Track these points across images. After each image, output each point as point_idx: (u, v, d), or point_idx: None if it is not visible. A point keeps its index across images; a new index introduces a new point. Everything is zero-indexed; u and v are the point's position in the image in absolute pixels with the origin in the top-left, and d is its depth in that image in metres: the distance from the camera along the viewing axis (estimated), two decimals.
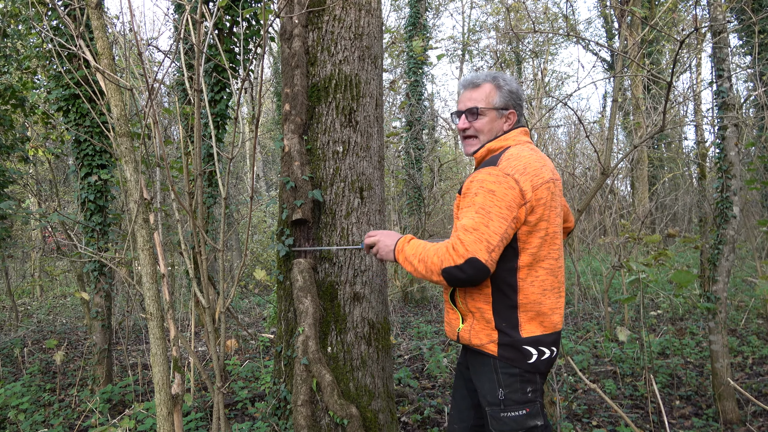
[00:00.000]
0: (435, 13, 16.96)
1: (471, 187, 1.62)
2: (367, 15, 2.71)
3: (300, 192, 2.52)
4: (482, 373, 1.70)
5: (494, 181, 1.58)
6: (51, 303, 10.13)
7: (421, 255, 1.63)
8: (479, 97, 1.79)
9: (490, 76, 1.81)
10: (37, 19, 4.77)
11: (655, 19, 5.36)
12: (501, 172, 1.60)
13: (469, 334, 1.71)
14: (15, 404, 3.49)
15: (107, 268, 4.09)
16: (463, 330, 1.73)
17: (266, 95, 16.06)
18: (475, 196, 1.59)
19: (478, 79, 1.81)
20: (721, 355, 3.31)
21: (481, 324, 1.68)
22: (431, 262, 1.59)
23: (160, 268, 1.88)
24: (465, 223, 1.56)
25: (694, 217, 12.93)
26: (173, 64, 5.33)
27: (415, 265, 1.64)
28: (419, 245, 1.68)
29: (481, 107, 1.78)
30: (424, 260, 1.61)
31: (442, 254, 1.57)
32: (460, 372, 1.95)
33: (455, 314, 1.78)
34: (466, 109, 1.80)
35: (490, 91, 1.78)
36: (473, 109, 1.78)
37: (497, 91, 1.78)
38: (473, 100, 1.79)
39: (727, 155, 3.34)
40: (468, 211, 1.58)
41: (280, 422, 2.54)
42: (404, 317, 7.23)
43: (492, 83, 1.79)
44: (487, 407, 1.68)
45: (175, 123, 7.63)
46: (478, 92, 1.79)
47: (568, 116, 13.88)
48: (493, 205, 1.55)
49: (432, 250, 1.61)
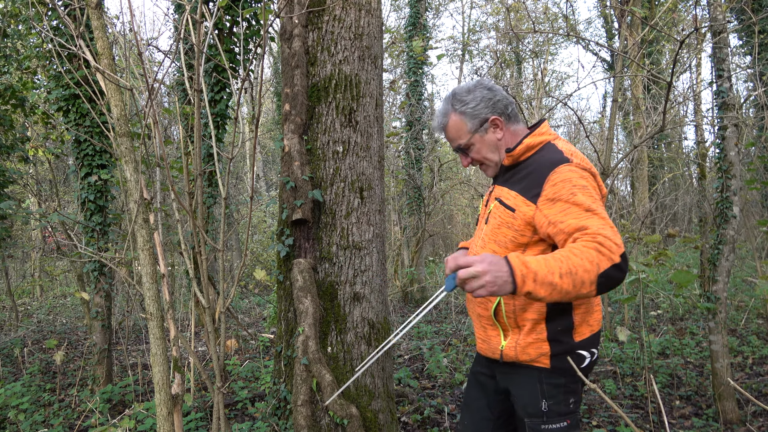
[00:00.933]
0: (435, 13, 16.96)
1: (560, 190, 1.45)
2: (367, 15, 2.71)
3: (300, 192, 2.52)
4: (523, 385, 1.60)
5: (580, 176, 1.47)
6: (51, 303, 10.13)
7: (564, 268, 1.29)
8: (454, 135, 1.70)
9: (449, 104, 1.69)
10: (37, 19, 4.77)
11: (655, 19, 5.36)
12: (578, 167, 1.50)
13: (515, 351, 1.58)
14: (15, 404, 3.49)
15: (107, 268, 4.09)
16: (507, 348, 1.60)
17: (266, 95, 16.06)
18: (573, 196, 1.43)
19: (442, 118, 1.72)
20: (721, 355, 3.31)
21: (529, 338, 1.56)
22: (583, 271, 1.29)
23: (160, 268, 1.88)
24: (588, 223, 1.37)
25: (694, 217, 12.93)
26: (173, 64, 5.33)
27: (556, 283, 1.29)
28: (549, 259, 1.32)
29: (463, 142, 1.69)
30: (571, 273, 1.29)
31: (593, 257, 1.30)
32: (478, 381, 1.80)
33: (495, 330, 1.63)
34: (456, 147, 1.73)
35: (458, 122, 1.68)
36: (460, 147, 1.71)
37: (461, 116, 1.67)
38: (453, 140, 1.72)
39: (727, 155, 3.34)
40: (574, 212, 1.41)
41: (280, 422, 2.54)
42: (404, 317, 7.23)
43: (454, 113, 1.68)
44: (527, 419, 1.58)
45: (175, 123, 7.63)
46: (450, 131, 1.71)
47: (568, 116, 13.89)
48: (593, 199, 1.43)
49: (575, 257, 1.31)
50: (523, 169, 1.61)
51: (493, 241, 1.62)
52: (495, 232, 1.62)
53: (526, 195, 1.54)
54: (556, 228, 1.43)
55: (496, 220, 1.63)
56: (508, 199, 1.60)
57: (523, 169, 1.62)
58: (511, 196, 1.59)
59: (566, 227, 1.40)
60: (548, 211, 1.46)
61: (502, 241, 1.59)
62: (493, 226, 1.63)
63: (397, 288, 8.45)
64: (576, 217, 1.40)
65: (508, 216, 1.58)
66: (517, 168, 1.65)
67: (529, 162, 1.62)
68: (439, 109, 1.75)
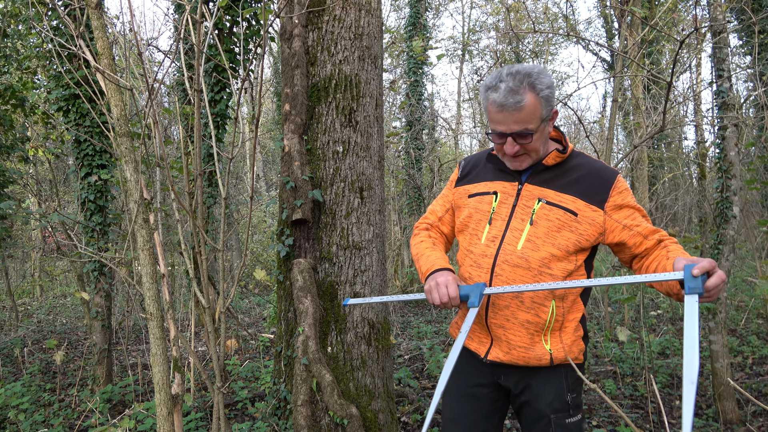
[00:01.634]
0: (435, 13, 16.96)
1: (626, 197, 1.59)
2: (367, 15, 2.71)
3: (300, 192, 2.52)
4: (550, 381, 1.61)
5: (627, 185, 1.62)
6: (51, 303, 10.13)
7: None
8: (525, 118, 1.49)
9: (527, 84, 1.47)
10: (37, 19, 4.77)
11: (655, 19, 5.36)
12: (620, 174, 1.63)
13: (563, 353, 1.58)
14: (15, 404, 3.49)
15: (107, 268, 4.09)
16: (556, 350, 1.58)
17: (266, 95, 16.06)
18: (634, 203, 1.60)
19: (518, 96, 1.47)
20: (721, 355, 3.31)
21: (571, 337, 1.61)
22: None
23: (160, 268, 1.88)
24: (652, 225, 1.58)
25: (694, 217, 12.92)
26: (173, 64, 5.33)
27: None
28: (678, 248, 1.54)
29: (533, 127, 1.50)
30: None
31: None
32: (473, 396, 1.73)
33: (539, 336, 1.59)
34: (512, 132, 1.51)
35: (535, 106, 1.48)
36: (524, 132, 1.51)
37: (540, 101, 1.49)
38: (521, 122, 1.50)
39: (727, 155, 3.34)
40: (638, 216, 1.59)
41: (280, 422, 2.54)
42: (404, 317, 7.23)
43: (532, 93, 1.48)
44: (552, 414, 1.58)
45: (175, 123, 7.63)
46: (524, 112, 1.48)
47: (568, 116, 13.89)
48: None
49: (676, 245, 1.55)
50: (569, 173, 1.60)
51: (551, 245, 1.57)
52: (553, 235, 1.56)
53: (588, 200, 1.57)
54: (632, 231, 1.56)
55: (552, 223, 1.56)
56: (564, 202, 1.56)
57: (567, 172, 1.60)
58: (568, 200, 1.56)
59: (642, 230, 1.56)
60: (618, 215, 1.57)
61: (563, 245, 1.56)
62: (548, 228, 1.57)
63: (397, 288, 8.45)
64: (641, 221, 1.57)
65: (569, 219, 1.55)
66: (558, 170, 1.61)
67: (571, 166, 1.61)
68: (507, 83, 1.48)
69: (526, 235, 1.58)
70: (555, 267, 1.56)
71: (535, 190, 1.61)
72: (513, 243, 1.59)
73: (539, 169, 1.62)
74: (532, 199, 1.60)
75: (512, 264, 1.58)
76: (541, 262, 1.56)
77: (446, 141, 18.07)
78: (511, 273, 1.58)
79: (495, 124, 1.55)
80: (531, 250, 1.57)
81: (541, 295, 1.56)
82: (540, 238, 1.57)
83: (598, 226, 1.56)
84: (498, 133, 1.54)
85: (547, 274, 1.56)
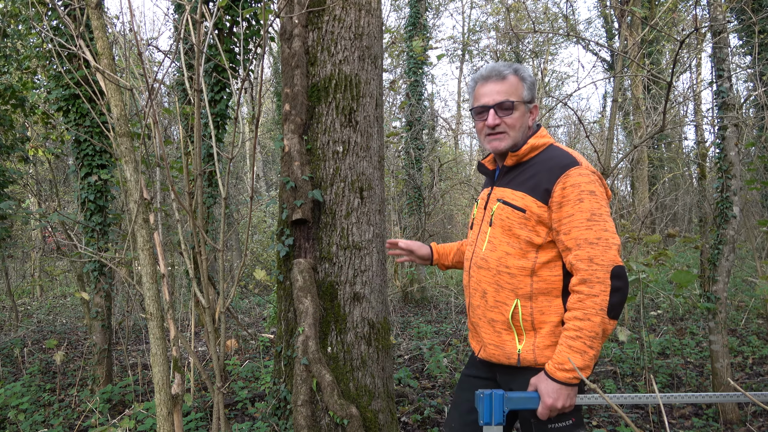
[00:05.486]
0: (435, 13, 16.96)
1: (569, 194, 1.48)
2: (367, 15, 2.71)
3: (300, 192, 2.52)
4: (527, 384, 1.58)
5: (589, 181, 1.49)
6: (51, 303, 10.12)
7: (587, 340, 1.41)
8: (509, 90, 1.60)
9: (511, 68, 1.62)
10: (37, 19, 4.77)
11: (655, 19, 5.36)
12: (588, 170, 1.51)
13: (533, 355, 1.55)
14: (15, 404, 3.49)
15: (107, 268, 4.09)
16: (524, 351, 1.56)
17: (266, 95, 16.06)
18: (580, 202, 1.47)
19: (502, 70, 1.62)
20: (721, 355, 3.31)
21: (548, 340, 1.54)
22: (594, 324, 1.41)
23: (160, 268, 1.88)
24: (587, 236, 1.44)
25: (694, 217, 12.93)
26: (173, 64, 5.33)
27: (593, 353, 1.42)
28: (574, 341, 1.42)
29: (513, 100, 1.59)
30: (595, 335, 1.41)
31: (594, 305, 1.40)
32: (473, 386, 1.76)
33: (510, 335, 1.59)
34: (495, 103, 1.60)
35: (518, 84, 1.61)
36: (506, 103, 1.59)
37: (523, 83, 1.62)
38: (503, 93, 1.60)
39: (727, 155, 3.34)
40: (578, 219, 1.46)
41: (280, 422, 2.54)
42: (404, 317, 7.23)
43: (515, 75, 1.62)
44: (533, 419, 1.57)
45: (175, 123, 7.63)
46: (506, 84, 1.60)
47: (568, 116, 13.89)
48: (599, 205, 1.47)
49: (584, 320, 1.41)
50: (527, 170, 1.61)
51: (506, 243, 1.59)
52: (507, 234, 1.59)
53: (535, 195, 1.54)
54: (560, 236, 1.50)
55: (504, 222, 1.60)
56: (515, 200, 1.58)
57: (527, 170, 1.61)
58: (518, 197, 1.58)
59: (567, 240, 1.48)
60: (556, 214, 1.51)
61: (516, 243, 1.57)
62: (502, 228, 1.60)
63: (397, 288, 8.45)
64: (578, 225, 1.46)
65: (518, 217, 1.56)
66: (520, 169, 1.63)
67: (532, 162, 1.61)
68: (496, 65, 1.64)
69: (488, 236, 1.65)
70: (512, 265, 1.58)
71: (499, 192, 1.67)
72: (480, 246, 1.68)
73: (504, 171, 1.68)
74: (495, 201, 1.66)
75: (478, 266, 1.67)
76: (498, 262, 1.60)
77: (446, 141, 18.07)
78: (477, 274, 1.67)
79: (479, 99, 1.65)
80: (490, 251, 1.63)
81: (503, 294, 1.59)
82: (497, 238, 1.62)
83: (544, 221, 1.54)
84: (481, 106, 1.63)
85: (505, 273, 1.59)
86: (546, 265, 1.56)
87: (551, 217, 1.52)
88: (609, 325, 1.42)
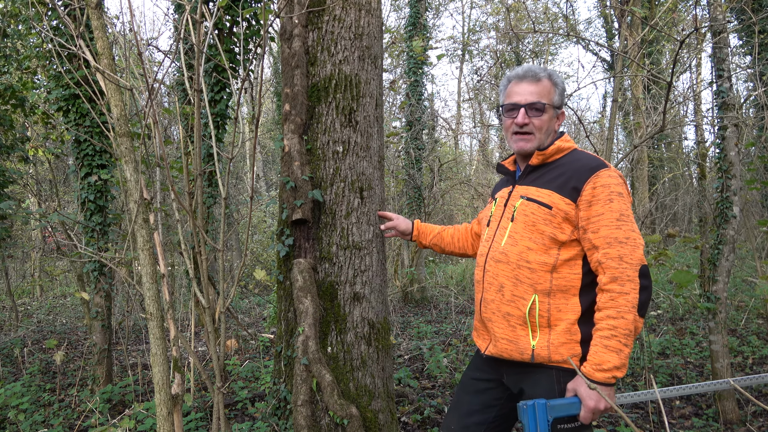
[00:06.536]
0: (435, 13, 16.96)
1: (599, 194, 1.51)
2: (367, 15, 2.71)
3: (300, 192, 2.52)
4: (541, 384, 1.58)
5: (617, 183, 1.53)
6: (51, 303, 10.12)
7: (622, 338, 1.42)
8: (541, 92, 1.66)
9: (546, 72, 1.69)
10: (37, 19, 4.77)
11: (655, 19, 5.36)
12: (616, 173, 1.55)
13: (547, 351, 1.54)
14: (15, 404, 3.49)
15: (107, 268, 4.09)
16: (539, 347, 1.55)
17: (266, 95, 16.06)
18: (609, 202, 1.50)
19: (537, 72, 1.68)
20: (721, 355, 3.31)
21: (563, 338, 1.54)
22: (631, 321, 1.42)
23: (160, 268, 1.88)
24: (617, 235, 1.47)
25: (694, 217, 12.93)
26: (173, 64, 5.33)
27: (627, 351, 1.43)
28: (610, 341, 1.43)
29: (544, 102, 1.65)
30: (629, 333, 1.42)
31: (627, 303, 1.42)
32: (477, 389, 1.77)
33: (525, 330, 1.58)
34: (527, 103, 1.66)
35: (551, 88, 1.68)
36: (537, 104, 1.65)
37: (555, 88, 1.69)
38: (535, 95, 1.66)
39: (727, 155, 3.34)
40: (607, 219, 1.49)
41: (280, 422, 2.54)
42: (404, 317, 7.23)
43: (549, 80, 1.68)
44: None
45: (175, 123, 7.63)
46: (539, 86, 1.67)
47: (568, 116, 13.88)
48: (627, 207, 1.51)
49: (618, 318, 1.42)
50: (553, 170, 1.64)
51: (528, 239, 1.60)
52: (530, 229, 1.61)
53: (563, 193, 1.57)
54: (587, 234, 1.53)
55: (528, 217, 1.62)
56: (541, 197, 1.61)
57: (552, 170, 1.65)
58: (545, 194, 1.60)
59: (595, 239, 1.50)
60: (584, 212, 1.53)
61: (539, 239, 1.59)
62: (525, 223, 1.62)
63: (397, 288, 8.45)
64: (607, 224, 1.49)
65: (544, 213, 1.59)
66: (545, 169, 1.67)
67: (558, 164, 1.65)
68: (532, 66, 1.72)
69: (509, 232, 1.67)
70: (533, 260, 1.59)
71: (522, 190, 1.69)
72: (499, 241, 1.69)
73: (528, 170, 1.72)
74: (517, 198, 1.69)
75: (496, 260, 1.67)
76: (518, 256, 1.61)
77: (446, 141, 18.07)
78: (495, 268, 1.67)
79: (511, 97, 1.70)
80: (511, 246, 1.64)
81: (521, 288, 1.59)
82: (519, 233, 1.64)
83: (570, 218, 1.56)
84: (512, 103, 1.69)
85: (525, 267, 1.60)
86: (567, 263, 1.57)
87: (578, 215, 1.55)
88: (639, 323, 1.44)
